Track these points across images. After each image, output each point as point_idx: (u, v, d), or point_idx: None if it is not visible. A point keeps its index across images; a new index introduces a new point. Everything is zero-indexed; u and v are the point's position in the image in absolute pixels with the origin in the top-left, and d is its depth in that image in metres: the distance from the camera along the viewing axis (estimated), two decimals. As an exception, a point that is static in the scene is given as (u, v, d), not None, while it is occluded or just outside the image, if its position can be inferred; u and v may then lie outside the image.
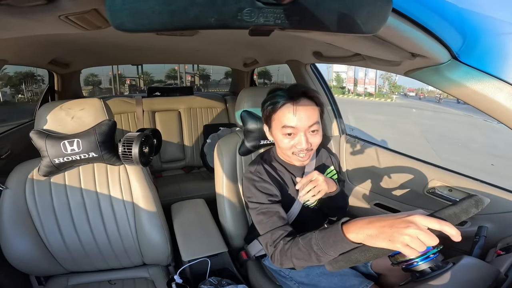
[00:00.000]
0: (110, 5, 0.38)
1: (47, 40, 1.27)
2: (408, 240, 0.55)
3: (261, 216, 0.88)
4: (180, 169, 2.35)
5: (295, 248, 0.75)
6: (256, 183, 0.92)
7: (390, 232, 0.57)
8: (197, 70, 15.84)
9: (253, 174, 0.95)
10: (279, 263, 0.80)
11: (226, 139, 1.24)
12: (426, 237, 0.54)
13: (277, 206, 0.90)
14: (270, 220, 0.86)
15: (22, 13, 0.50)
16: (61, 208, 1.06)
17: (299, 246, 0.74)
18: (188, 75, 15.63)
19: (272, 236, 0.83)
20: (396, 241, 0.56)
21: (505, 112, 0.70)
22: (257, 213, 0.89)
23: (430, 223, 0.55)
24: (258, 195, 0.91)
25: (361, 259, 0.63)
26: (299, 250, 0.74)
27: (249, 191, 0.94)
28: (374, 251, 0.61)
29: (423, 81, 0.84)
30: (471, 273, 0.67)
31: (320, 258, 0.69)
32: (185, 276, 1.09)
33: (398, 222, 0.57)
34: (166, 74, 15.97)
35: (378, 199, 1.38)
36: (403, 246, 0.55)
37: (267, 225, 0.86)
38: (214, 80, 16.75)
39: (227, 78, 16.54)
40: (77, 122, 1.01)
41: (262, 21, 0.44)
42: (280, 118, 0.86)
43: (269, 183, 0.93)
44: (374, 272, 1.08)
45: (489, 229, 0.92)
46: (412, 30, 0.61)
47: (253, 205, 0.91)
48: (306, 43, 1.28)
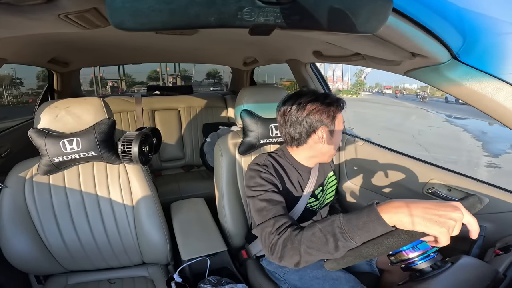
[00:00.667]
0: (110, 4, 0.38)
1: (47, 39, 1.26)
2: (453, 225, 0.53)
3: (264, 202, 0.82)
4: (179, 168, 2.35)
5: (309, 232, 0.67)
6: (262, 174, 0.89)
7: (437, 214, 0.54)
8: (179, 72, 15.82)
9: (260, 166, 0.92)
10: (279, 255, 0.72)
11: (225, 138, 1.24)
12: (460, 226, 0.54)
13: (281, 197, 0.86)
14: (274, 208, 0.81)
15: (21, 12, 0.50)
16: (61, 207, 1.06)
17: (314, 230, 0.66)
18: (170, 76, 15.56)
19: (276, 224, 0.76)
20: (444, 225, 0.53)
21: (504, 112, 0.70)
22: (260, 199, 0.83)
23: (467, 215, 0.55)
24: (263, 183, 0.87)
25: (373, 253, 0.59)
26: (313, 235, 0.66)
27: (252, 180, 0.89)
28: (388, 243, 0.57)
29: (423, 80, 0.84)
30: (469, 273, 0.67)
31: (339, 246, 0.62)
32: (185, 275, 1.09)
33: (445, 206, 0.55)
34: (148, 76, 15.89)
35: (376, 198, 1.38)
36: (447, 232, 0.53)
37: (270, 212, 0.80)
38: (196, 81, 16.77)
39: (208, 79, 16.63)
40: (77, 121, 1.01)
41: (262, 20, 0.44)
42: (341, 116, 0.92)
43: (274, 177, 0.90)
44: (378, 268, 1.09)
45: (487, 229, 0.92)
46: (412, 29, 0.61)
47: (256, 192, 0.86)
48: (306, 42, 1.28)
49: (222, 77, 16.93)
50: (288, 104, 0.91)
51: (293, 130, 0.92)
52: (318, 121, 0.88)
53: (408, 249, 0.67)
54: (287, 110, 0.91)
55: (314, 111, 0.87)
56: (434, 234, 0.53)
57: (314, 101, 0.88)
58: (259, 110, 1.21)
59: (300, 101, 0.89)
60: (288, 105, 0.91)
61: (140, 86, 15.40)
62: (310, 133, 0.90)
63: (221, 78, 17.10)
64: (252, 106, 1.21)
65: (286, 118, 0.92)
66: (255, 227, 0.83)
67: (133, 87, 13.01)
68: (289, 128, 0.92)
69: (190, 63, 2.69)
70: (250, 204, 0.89)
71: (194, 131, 2.34)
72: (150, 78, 15.66)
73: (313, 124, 0.89)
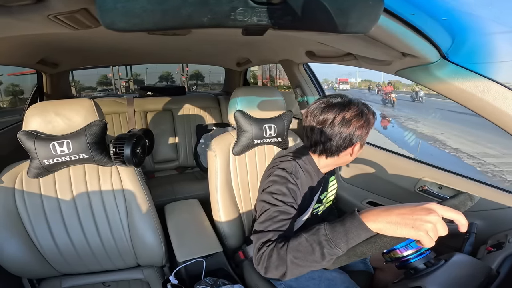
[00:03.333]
0: (100, 5, 0.38)
1: (36, 40, 1.24)
2: (430, 227, 0.54)
3: (277, 213, 0.80)
4: (173, 170, 2.33)
5: (295, 242, 0.67)
6: (289, 184, 0.86)
7: (412, 219, 0.56)
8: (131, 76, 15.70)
9: (289, 174, 0.88)
10: (264, 265, 0.71)
11: (219, 139, 1.23)
12: (443, 226, 0.55)
13: (295, 211, 0.84)
14: (282, 223, 0.79)
15: (9, 12, 0.49)
16: (52, 210, 1.04)
17: (300, 240, 0.67)
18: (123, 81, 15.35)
19: (273, 236, 0.75)
20: (420, 228, 0.54)
21: (493, 111, 0.71)
22: (276, 209, 0.81)
23: (447, 212, 0.56)
24: (286, 193, 0.84)
25: (367, 251, 0.61)
26: (299, 244, 0.66)
27: (278, 187, 0.86)
28: (381, 242, 0.59)
29: (413, 80, 0.86)
30: (463, 270, 0.68)
31: (325, 254, 0.62)
32: (181, 276, 1.08)
33: (419, 210, 0.56)
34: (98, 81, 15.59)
35: (370, 197, 1.40)
36: (426, 234, 0.54)
37: (275, 224, 0.78)
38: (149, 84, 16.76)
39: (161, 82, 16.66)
40: (67, 122, 0.99)
41: (255, 21, 0.44)
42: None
43: (298, 190, 0.88)
44: (372, 266, 1.10)
45: (479, 226, 0.94)
46: (402, 29, 0.62)
47: (276, 201, 0.83)
48: (299, 42, 1.29)
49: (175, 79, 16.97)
50: (330, 115, 0.86)
51: (329, 142, 0.88)
52: (358, 136, 0.87)
53: (402, 247, 0.68)
54: (328, 121, 0.87)
55: (358, 127, 0.86)
56: (413, 237, 0.55)
57: (359, 117, 0.85)
58: (252, 110, 1.21)
59: (345, 115, 0.85)
60: (329, 115, 0.86)
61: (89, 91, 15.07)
62: (347, 147, 0.89)
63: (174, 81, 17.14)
64: (246, 106, 1.20)
65: (325, 129, 0.88)
66: (254, 233, 0.81)
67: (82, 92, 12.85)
68: (325, 138, 0.88)
69: (183, 63, 2.67)
70: (261, 206, 0.85)
71: (187, 132, 2.33)
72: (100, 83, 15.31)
73: (354, 139, 0.87)
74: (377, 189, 1.38)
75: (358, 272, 1.08)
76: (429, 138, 8.77)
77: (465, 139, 8.40)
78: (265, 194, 0.86)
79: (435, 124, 10.89)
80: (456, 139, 8.44)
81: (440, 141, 8.43)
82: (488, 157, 6.65)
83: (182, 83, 14.85)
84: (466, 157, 6.79)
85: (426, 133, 9.41)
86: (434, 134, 9.13)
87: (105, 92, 12.89)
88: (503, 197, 0.97)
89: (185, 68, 14.48)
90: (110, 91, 14.05)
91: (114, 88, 14.76)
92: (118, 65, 11.35)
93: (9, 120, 1.80)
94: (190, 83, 15.50)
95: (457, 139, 8.46)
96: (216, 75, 18.40)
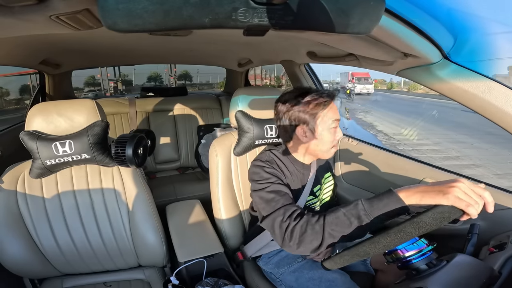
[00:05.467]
0: (102, 5, 0.38)
1: (38, 40, 1.25)
2: (458, 191, 0.58)
3: (272, 194, 0.85)
4: (174, 170, 2.33)
5: (332, 216, 0.72)
6: (266, 168, 0.92)
7: (440, 186, 0.61)
8: (119, 76, 15.72)
9: (263, 162, 0.95)
10: (297, 241, 0.74)
11: (221, 139, 1.23)
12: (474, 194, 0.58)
13: (287, 189, 0.89)
14: (283, 198, 0.84)
15: (12, 13, 0.49)
16: (54, 210, 1.04)
17: (337, 214, 0.72)
18: (111, 81, 15.34)
19: (286, 212, 0.79)
20: (448, 192, 0.59)
21: (495, 111, 0.71)
22: (267, 191, 0.86)
23: (473, 186, 0.60)
24: (268, 176, 0.90)
25: (370, 251, 0.63)
26: (337, 218, 0.71)
27: (257, 175, 0.92)
28: (385, 242, 0.61)
29: (415, 80, 0.85)
30: (465, 271, 0.67)
31: (362, 224, 0.68)
32: (182, 277, 1.08)
33: (446, 182, 0.62)
34: (85, 81, 15.56)
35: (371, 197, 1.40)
36: (458, 199, 0.58)
37: (279, 202, 0.83)
38: (137, 85, 16.77)
39: (149, 82, 16.70)
40: (69, 123, 0.99)
41: (256, 21, 0.44)
42: (328, 114, 0.91)
43: (278, 171, 0.94)
44: (373, 268, 1.10)
45: (481, 226, 0.93)
46: (404, 30, 0.62)
47: (263, 185, 0.88)
48: (300, 43, 1.29)
49: (163, 80, 16.99)
50: (279, 101, 0.96)
51: (279, 128, 0.98)
52: (296, 118, 0.91)
53: (403, 247, 0.68)
54: (275, 105, 0.97)
55: (294, 108, 0.91)
56: (444, 202, 0.59)
57: (294, 99, 0.91)
58: (254, 111, 1.21)
59: (285, 98, 0.93)
60: (276, 101, 0.97)
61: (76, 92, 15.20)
62: (292, 130, 0.94)
63: (162, 81, 17.17)
64: (247, 107, 1.20)
65: (274, 114, 0.98)
66: (264, 219, 0.85)
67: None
68: (277, 123, 0.99)
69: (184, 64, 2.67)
70: (256, 198, 0.90)
71: (188, 132, 2.33)
72: (87, 84, 15.33)
73: (293, 123, 0.92)
74: (378, 190, 1.36)
75: (359, 274, 1.07)
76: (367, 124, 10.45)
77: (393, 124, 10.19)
78: (253, 184, 0.93)
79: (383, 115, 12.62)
80: (387, 124, 10.20)
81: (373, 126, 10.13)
82: (398, 135, 8.55)
83: (170, 83, 14.87)
84: (381, 135, 8.64)
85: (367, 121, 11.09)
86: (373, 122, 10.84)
87: (94, 93, 12.88)
88: (505, 198, 0.96)
89: (173, 69, 14.51)
90: (99, 92, 14.05)
91: (102, 89, 14.76)
92: (118, 66, 11.35)
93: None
94: (178, 84, 15.52)
95: (388, 125, 10.21)
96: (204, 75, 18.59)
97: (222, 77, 17.32)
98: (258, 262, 1.12)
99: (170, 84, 14.76)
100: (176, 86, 5.83)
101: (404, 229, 0.61)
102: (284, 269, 1.02)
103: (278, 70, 15.39)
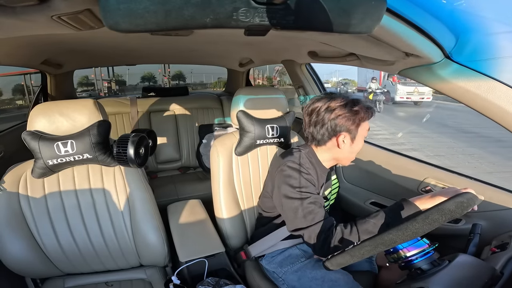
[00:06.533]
0: (104, 5, 0.38)
1: (40, 41, 1.25)
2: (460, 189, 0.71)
3: (312, 205, 0.88)
4: (176, 170, 2.33)
5: (364, 226, 0.81)
6: (305, 175, 0.93)
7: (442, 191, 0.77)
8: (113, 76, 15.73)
9: (300, 166, 0.95)
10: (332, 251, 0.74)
11: (222, 139, 1.23)
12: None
13: (321, 197, 0.93)
14: (321, 210, 0.89)
15: (14, 13, 0.49)
16: (56, 210, 1.04)
17: (367, 225, 0.81)
18: (105, 81, 15.35)
19: (327, 224, 0.86)
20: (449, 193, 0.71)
21: (498, 111, 0.71)
22: (308, 202, 0.88)
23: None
24: (307, 185, 0.92)
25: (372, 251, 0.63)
26: (367, 230, 0.81)
27: (295, 180, 0.92)
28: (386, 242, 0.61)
29: (417, 79, 0.85)
30: (467, 271, 0.67)
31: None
32: (183, 277, 1.09)
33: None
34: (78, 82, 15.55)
35: (373, 197, 1.39)
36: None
37: (318, 215, 0.87)
38: (130, 85, 16.81)
39: (143, 82, 16.74)
40: (71, 123, 1.00)
41: (257, 21, 0.44)
42: (366, 124, 0.95)
43: (311, 177, 0.95)
44: (378, 265, 1.10)
45: (483, 226, 0.93)
46: (406, 29, 0.61)
47: (302, 194, 0.90)
48: (302, 43, 1.29)
49: (157, 80, 17.01)
50: (318, 105, 0.94)
51: (316, 131, 0.96)
52: (342, 126, 0.91)
53: (406, 247, 0.68)
54: (315, 110, 0.95)
55: (341, 116, 0.90)
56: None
57: (344, 107, 0.91)
58: (255, 110, 1.21)
59: (330, 104, 0.92)
60: (318, 104, 0.94)
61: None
62: (331, 136, 0.94)
63: (156, 81, 17.21)
64: (248, 106, 1.20)
65: (312, 118, 0.96)
66: (300, 229, 0.88)
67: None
68: (313, 127, 0.96)
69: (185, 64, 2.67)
70: (289, 204, 0.91)
71: (190, 132, 2.33)
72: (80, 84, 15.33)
73: (337, 129, 0.92)
74: (380, 190, 1.37)
75: (362, 272, 1.07)
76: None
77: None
78: (289, 189, 0.92)
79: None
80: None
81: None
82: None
83: (164, 83, 14.91)
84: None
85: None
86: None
87: (87, 93, 12.90)
88: (507, 198, 0.96)
89: (167, 69, 14.53)
90: (93, 92, 14.07)
91: (96, 89, 14.77)
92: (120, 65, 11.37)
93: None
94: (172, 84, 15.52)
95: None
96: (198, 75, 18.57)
97: (216, 77, 17.36)
98: (261, 261, 1.12)
99: (164, 84, 14.79)
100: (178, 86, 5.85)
101: (430, 215, 0.60)
102: (287, 269, 1.02)
103: (270, 71, 15.36)
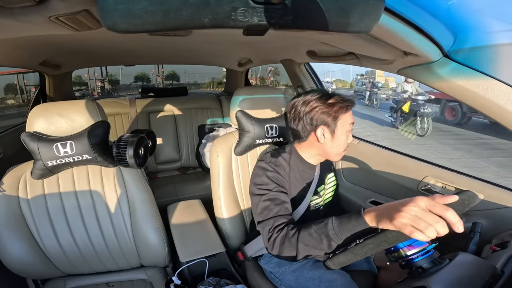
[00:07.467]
0: (102, 6, 0.38)
1: (38, 41, 1.25)
2: (408, 218, 0.56)
3: (267, 202, 0.89)
4: (175, 170, 2.33)
5: (305, 232, 0.77)
6: (269, 172, 0.94)
7: (391, 212, 0.60)
8: (106, 76, 15.73)
9: (268, 164, 0.96)
10: (277, 251, 0.81)
11: (221, 139, 1.23)
12: (427, 216, 0.54)
13: (286, 197, 0.92)
14: (276, 208, 0.88)
15: (11, 14, 0.49)
16: (56, 211, 1.04)
17: (310, 231, 0.76)
18: (98, 81, 15.32)
19: (275, 223, 0.85)
20: (395, 219, 0.58)
21: (497, 109, 0.71)
22: (264, 199, 0.90)
23: (432, 205, 0.56)
24: (268, 182, 0.92)
25: (368, 251, 0.64)
26: (309, 235, 0.76)
27: (259, 178, 0.95)
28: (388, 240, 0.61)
29: (415, 78, 0.85)
30: (468, 269, 0.67)
31: (332, 245, 0.71)
32: (184, 277, 1.09)
33: (402, 203, 0.59)
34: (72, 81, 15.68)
35: (373, 196, 1.39)
36: (403, 225, 0.56)
37: (271, 212, 0.87)
38: (124, 84, 16.82)
39: (136, 82, 16.71)
40: (70, 124, 0.99)
41: (256, 21, 0.44)
42: (347, 117, 0.93)
43: (281, 176, 0.95)
44: (376, 265, 1.10)
45: (483, 225, 0.93)
46: (404, 28, 0.61)
47: (261, 191, 0.92)
48: (300, 42, 1.29)
49: (151, 79, 16.99)
50: (296, 100, 0.95)
51: (294, 126, 0.97)
52: (318, 119, 0.91)
53: (406, 246, 0.68)
54: (294, 105, 0.96)
55: (316, 109, 0.91)
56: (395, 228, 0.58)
57: (318, 100, 0.91)
58: (254, 110, 1.21)
59: (306, 97, 0.93)
60: (295, 101, 0.96)
61: None
62: (310, 131, 0.94)
63: (149, 81, 17.18)
64: (247, 106, 1.20)
65: (291, 113, 0.97)
66: (257, 224, 0.91)
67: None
68: (292, 123, 0.97)
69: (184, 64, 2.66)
70: (253, 201, 0.94)
71: (189, 132, 2.33)
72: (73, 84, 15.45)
73: (314, 123, 0.92)
74: (380, 189, 1.37)
75: (361, 272, 1.07)
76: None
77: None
78: (253, 187, 0.96)
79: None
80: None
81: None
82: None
83: (158, 83, 14.91)
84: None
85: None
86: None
87: (80, 93, 12.91)
88: (507, 196, 0.96)
89: (160, 69, 14.53)
90: (86, 91, 14.05)
91: (89, 89, 14.75)
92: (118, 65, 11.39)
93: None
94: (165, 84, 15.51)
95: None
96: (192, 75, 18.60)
97: (210, 77, 17.34)
98: (260, 261, 1.12)
99: (158, 84, 14.79)
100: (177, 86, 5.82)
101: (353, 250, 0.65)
102: (284, 269, 1.02)
103: (263, 71, 15.40)
